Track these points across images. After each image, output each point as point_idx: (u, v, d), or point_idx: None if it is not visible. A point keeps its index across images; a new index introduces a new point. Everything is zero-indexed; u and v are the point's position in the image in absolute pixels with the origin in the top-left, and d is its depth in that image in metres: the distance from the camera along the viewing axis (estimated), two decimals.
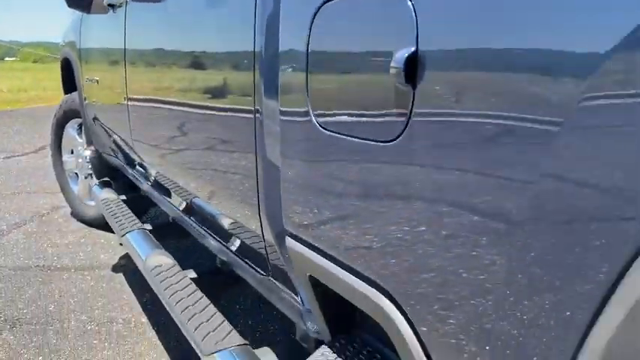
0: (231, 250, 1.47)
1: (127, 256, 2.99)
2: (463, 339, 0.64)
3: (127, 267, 2.87)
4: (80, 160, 3.47)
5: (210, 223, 1.62)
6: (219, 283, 2.38)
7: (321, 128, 0.87)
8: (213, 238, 1.59)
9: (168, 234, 2.46)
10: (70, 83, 3.43)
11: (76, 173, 3.59)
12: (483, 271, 0.59)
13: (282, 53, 0.97)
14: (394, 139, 0.71)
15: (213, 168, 1.44)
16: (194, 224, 1.74)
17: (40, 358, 2.04)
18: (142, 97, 1.99)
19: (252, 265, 1.34)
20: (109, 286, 2.68)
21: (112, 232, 2.90)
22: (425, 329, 0.71)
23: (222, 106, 1.32)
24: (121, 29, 2.06)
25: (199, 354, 1.28)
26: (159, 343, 2.17)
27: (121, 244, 2.80)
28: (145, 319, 2.35)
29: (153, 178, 2.13)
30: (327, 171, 0.90)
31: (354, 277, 0.83)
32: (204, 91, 1.46)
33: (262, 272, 1.29)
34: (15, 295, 2.54)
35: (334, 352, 0.97)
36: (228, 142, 1.34)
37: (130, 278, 2.73)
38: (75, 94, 3.35)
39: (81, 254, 3.07)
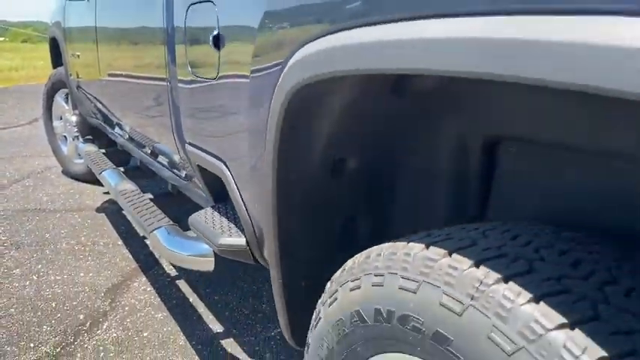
0: (168, 169, 2.13)
1: (108, 201, 3.65)
2: (244, 173, 1.29)
3: (107, 209, 3.53)
4: (68, 125, 4.10)
5: (155, 153, 2.26)
6: (170, 202, 3.03)
7: (194, 78, 1.51)
8: (159, 164, 2.24)
9: (139, 175, 3.09)
10: (57, 58, 4.04)
11: (65, 136, 4.23)
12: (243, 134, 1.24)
13: (174, 35, 1.61)
14: (215, 78, 1.36)
15: (150, 115, 2.09)
16: (148, 157, 2.38)
17: (40, 265, 2.71)
18: (109, 68, 2.61)
19: (179, 176, 2.00)
20: (93, 222, 3.34)
21: (96, 184, 3.56)
22: (237, 175, 1.36)
23: (149, 75, 1.97)
24: (92, 13, 2.69)
25: (146, 235, 1.94)
26: (130, 256, 2.83)
27: (105, 193, 3.46)
28: (120, 242, 3.02)
29: (118, 129, 2.77)
30: (196, 106, 1.56)
31: (212, 158, 1.49)
32: (142, 64, 2.10)
33: (184, 179, 1.94)
34: (18, 228, 3.20)
35: (215, 210, 1.64)
36: (155, 97, 1.98)
37: (110, 217, 3.39)
38: (62, 68, 3.95)
39: (70, 200, 3.73)
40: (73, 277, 2.60)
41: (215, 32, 1.32)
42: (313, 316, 1.00)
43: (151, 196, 2.40)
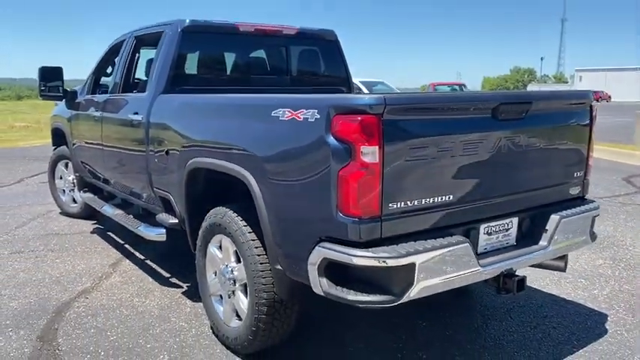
0: (142, 200, 4.55)
1: (96, 227, 6.01)
2: None
3: (97, 230, 5.90)
4: (66, 182, 6.46)
5: (133, 193, 4.68)
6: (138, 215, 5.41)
7: (157, 153, 4.00)
8: (135, 198, 4.65)
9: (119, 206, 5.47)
10: (58, 141, 6.43)
11: (63, 190, 6.58)
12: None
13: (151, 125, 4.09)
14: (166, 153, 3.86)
15: (133, 178, 4.54)
16: (127, 195, 4.80)
17: (69, 258, 5.05)
18: (100, 151, 5.05)
19: (148, 202, 4.42)
20: (91, 238, 5.70)
21: (86, 219, 5.94)
22: (175, 196, 3.87)
23: (131, 150, 4.44)
24: (86, 119, 5.16)
25: (134, 230, 4.37)
26: (115, 250, 5.21)
27: (93, 224, 5.83)
28: (107, 245, 5.39)
29: (106, 182, 5.18)
30: (156, 168, 4.04)
31: (164, 192, 3.97)
32: (122, 147, 4.56)
33: (151, 203, 4.37)
34: (48, 243, 5.52)
35: (166, 213, 4.11)
36: (136, 163, 4.42)
37: (99, 234, 5.75)
38: (62, 147, 6.34)
39: (73, 227, 6.07)
40: (87, 261, 4.96)
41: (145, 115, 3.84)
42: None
43: (132, 215, 4.80)
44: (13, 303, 3.99)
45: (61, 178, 6.62)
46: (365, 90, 16.77)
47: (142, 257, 5.04)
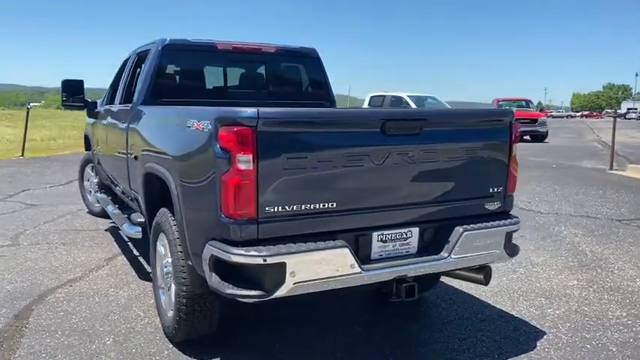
0: (126, 197, 5.01)
1: (112, 227, 6.58)
2: None
3: (110, 229, 6.47)
4: (91, 184, 7.12)
5: (126, 198, 5.15)
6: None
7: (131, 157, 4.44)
8: (129, 201, 5.13)
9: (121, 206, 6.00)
10: (87, 146, 7.11)
11: (90, 191, 7.24)
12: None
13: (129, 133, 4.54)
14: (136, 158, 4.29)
15: (122, 180, 5.02)
16: (122, 195, 5.29)
17: (86, 244, 5.61)
18: (107, 153, 5.58)
19: (130, 198, 4.87)
20: (101, 235, 6.27)
21: (106, 218, 6.52)
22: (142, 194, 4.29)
23: (121, 154, 4.92)
24: (100, 128, 5.72)
25: (119, 226, 4.84)
26: (116, 246, 5.72)
27: (111, 223, 6.40)
28: (116, 239, 5.92)
29: (113, 185, 5.71)
30: (132, 170, 4.47)
31: (134, 192, 4.40)
32: (117, 151, 5.05)
33: (130, 200, 4.82)
34: (68, 235, 6.14)
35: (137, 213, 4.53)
36: (122, 166, 4.90)
37: (110, 234, 6.31)
38: (89, 152, 7.01)
39: (94, 225, 6.69)
40: (88, 255, 5.50)
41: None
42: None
43: (126, 215, 5.29)
44: (9, 286, 4.55)
45: (88, 180, 7.30)
46: (413, 105, 16.85)
47: (137, 254, 5.52)
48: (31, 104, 22.17)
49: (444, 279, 4.36)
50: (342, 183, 2.80)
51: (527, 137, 23.83)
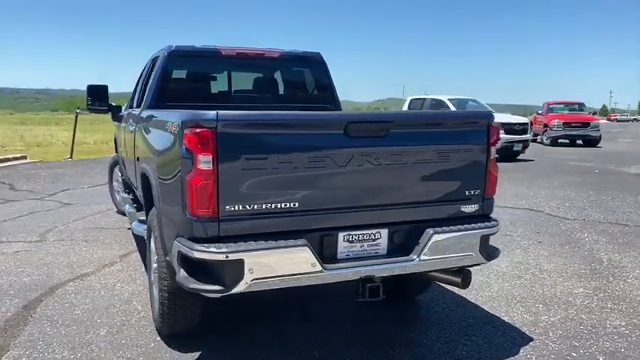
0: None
1: None
2: None
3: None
4: (119, 185, 7.45)
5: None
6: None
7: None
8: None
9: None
10: (116, 148, 7.46)
11: (118, 191, 7.58)
12: None
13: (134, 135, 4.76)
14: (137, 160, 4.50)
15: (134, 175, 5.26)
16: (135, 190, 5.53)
17: (85, 244, 5.91)
18: (125, 157, 5.85)
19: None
20: (122, 233, 6.55)
21: None
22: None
23: (132, 156, 5.15)
24: (122, 131, 6.00)
25: (130, 225, 5.07)
26: (132, 242, 5.98)
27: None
28: (130, 240, 6.19)
29: (132, 184, 5.97)
30: (140, 170, 4.69)
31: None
32: (130, 153, 5.29)
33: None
34: (92, 232, 6.46)
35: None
36: (133, 165, 5.13)
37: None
38: (117, 154, 7.35)
39: (119, 223, 7.00)
40: (105, 251, 5.77)
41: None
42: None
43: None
44: (26, 278, 4.85)
45: (116, 180, 7.64)
46: (452, 108, 16.59)
47: None
48: (79, 109, 23.25)
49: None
50: (304, 184, 2.87)
51: (579, 142, 23.00)
